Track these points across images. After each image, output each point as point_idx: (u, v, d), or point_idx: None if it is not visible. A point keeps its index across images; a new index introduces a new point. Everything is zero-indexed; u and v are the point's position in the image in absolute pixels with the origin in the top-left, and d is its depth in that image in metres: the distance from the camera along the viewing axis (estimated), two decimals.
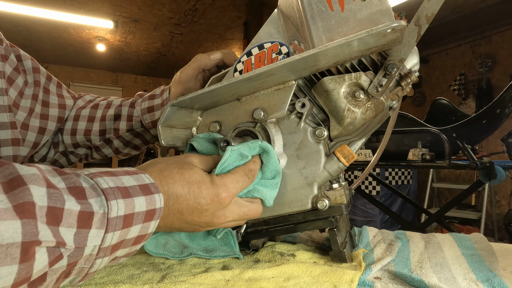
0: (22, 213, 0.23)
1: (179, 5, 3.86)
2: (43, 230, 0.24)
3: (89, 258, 0.29)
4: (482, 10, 3.75)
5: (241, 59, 0.51)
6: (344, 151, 0.47)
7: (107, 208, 0.29)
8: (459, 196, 1.74)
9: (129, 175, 0.34)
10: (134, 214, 0.32)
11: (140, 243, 0.35)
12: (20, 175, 0.25)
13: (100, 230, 0.29)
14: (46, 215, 0.25)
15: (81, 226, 0.27)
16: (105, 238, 0.29)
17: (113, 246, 0.31)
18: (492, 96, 3.99)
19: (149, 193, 0.34)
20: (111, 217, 0.29)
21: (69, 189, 0.28)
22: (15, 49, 0.63)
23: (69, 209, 0.27)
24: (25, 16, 3.87)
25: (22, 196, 0.24)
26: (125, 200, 0.31)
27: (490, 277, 0.44)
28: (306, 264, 0.48)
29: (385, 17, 0.38)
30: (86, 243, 0.28)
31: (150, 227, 0.35)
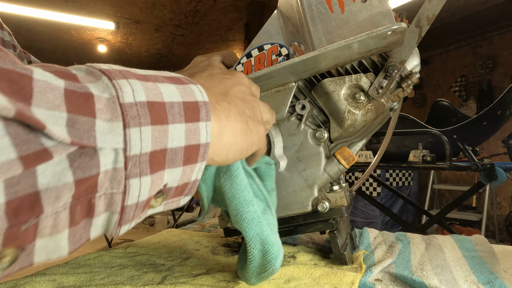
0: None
1: (180, 7, 3.87)
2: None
3: (115, 176, 0.19)
4: (483, 12, 3.75)
5: (241, 60, 0.51)
6: (345, 153, 0.47)
7: (113, 90, 0.19)
8: (460, 197, 1.73)
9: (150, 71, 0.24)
10: (166, 104, 0.21)
11: (195, 161, 0.23)
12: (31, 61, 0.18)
13: (113, 122, 0.18)
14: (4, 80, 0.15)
15: (74, 110, 0.17)
16: (129, 137, 0.19)
17: (150, 157, 0.20)
18: (493, 97, 3.98)
19: (180, 82, 0.23)
20: (125, 102, 0.19)
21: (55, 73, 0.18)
22: (27, 55, 0.64)
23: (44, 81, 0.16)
24: (26, 17, 3.88)
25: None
26: (142, 83, 0.21)
27: (491, 279, 0.44)
28: (307, 266, 0.48)
29: (385, 19, 0.38)
30: (95, 141, 0.17)
31: (200, 132, 0.23)
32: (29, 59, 0.64)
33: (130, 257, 0.55)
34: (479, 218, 3.54)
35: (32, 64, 0.67)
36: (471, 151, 1.55)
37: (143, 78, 0.21)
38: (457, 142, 1.62)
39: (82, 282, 0.44)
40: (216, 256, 0.56)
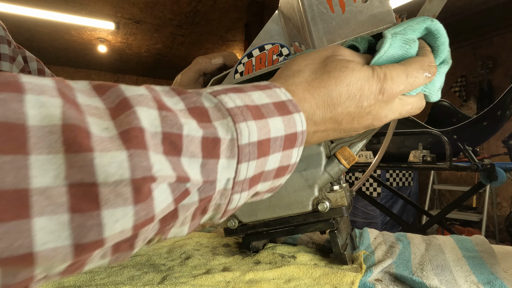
0: (128, 141, 0.19)
1: (180, 7, 3.87)
2: (158, 163, 0.20)
3: (224, 193, 0.25)
4: (483, 12, 3.75)
5: (242, 60, 0.51)
6: (345, 153, 0.47)
7: (235, 133, 0.24)
8: (460, 198, 1.73)
9: (260, 90, 0.27)
10: (271, 140, 0.26)
11: (283, 175, 0.29)
12: (126, 97, 0.21)
13: (230, 160, 0.24)
14: (162, 143, 0.20)
15: (207, 155, 0.22)
16: (239, 170, 0.24)
17: (250, 180, 0.26)
18: (493, 98, 3.98)
19: (286, 113, 0.27)
20: (241, 144, 0.24)
21: (189, 110, 0.23)
22: (22, 50, 0.64)
23: (189, 135, 0.22)
24: (26, 17, 3.88)
25: (128, 121, 0.19)
26: (257, 122, 0.25)
27: (491, 279, 0.44)
28: (307, 266, 0.48)
29: (386, 19, 0.38)
30: (216, 176, 0.23)
31: (292, 156, 0.28)
32: (24, 54, 0.64)
33: (130, 257, 0.55)
34: (479, 219, 3.54)
35: (28, 63, 0.65)
36: (471, 152, 1.55)
37: (258, 115, 0.25)
38: (457, 143, 1.62)
39: (82, 282, 0.44)
40: (216, 256, 0.56)
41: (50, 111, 0.17)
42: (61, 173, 0.17)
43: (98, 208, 0.18)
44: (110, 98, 0.21)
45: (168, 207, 0.21)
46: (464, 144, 1.57)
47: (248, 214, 0.52)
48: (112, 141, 0.19)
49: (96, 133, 0.18)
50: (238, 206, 0.27)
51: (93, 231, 0.18)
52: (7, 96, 0.16)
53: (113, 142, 0.19)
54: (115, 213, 0.18)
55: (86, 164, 0.17)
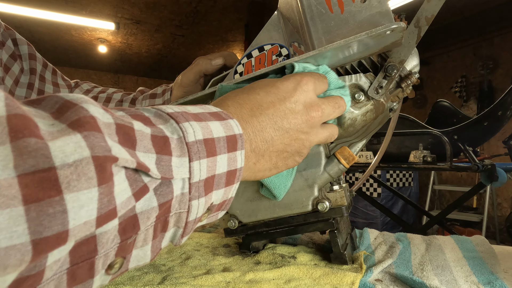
0: (81, 126, 0.18)
1: (181, 7, 3.87)
2: (115, 147, 0.19)
3: (182, 199, 0.24)
4: (484, 13, 3.75)
5: (242, 61, 0.51)
6: (345, 152, 0.47)
7: (181, 132, 0.24)
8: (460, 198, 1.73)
9: (193, 106, 0.29)
10: (215, 140, 0.26)
11: (233, 183, 0.29)
12: (67, 100, 0.20)
13: (182, 158, 0.23)
14: (116, 132, 0.20)
15: (159, 151, 0.22)
16: (192, 169, 0.24)
17: (205, 182, 0.25)
18: (494, 98, 3.98)
19: (221, 119, 0.28)
20: (189, 141, 0.24)
21: (132, 116, 0.23)
22: (11, 32, 0.61)
23: (140, 130, 0.22)
24: (27, 17, 3.88)
25: (76, 113, 0.19)
26: (198, 123, 0.26)
27: (491, 279, 0.44)
28: (307, 266, 0.48)
29: (384, 19, 0.38)
30: (172, 174, 0.23)
31: (237, 159, 0.28)
32: (14, 37, 0.61)
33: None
34: (479, 219, 3.54)
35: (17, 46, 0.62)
36: (472, 152, 1.55)
37: (197, 118, 0.26)
38: (457, 143, 1.62)
39: None
40: (217, 256, 0.56)
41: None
42: (9, 163, 0.15)
43: (60, 193, 0.16)
44: (49, 105, 0.20)
45: (128, 202, 0.20)
46: (464, 145, 1.57)
47: (248, 215, 0.52)
48: (62, 131, 0.17)
49: (43, 128, 0.17)
50: (197, 217, 0.26)
51: (56, 220, 0.16)
52: None
53: (63, 131, 0.17)
54: (79, 196, 0.17)
55: (39, 147, 0.16)
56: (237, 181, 0.29)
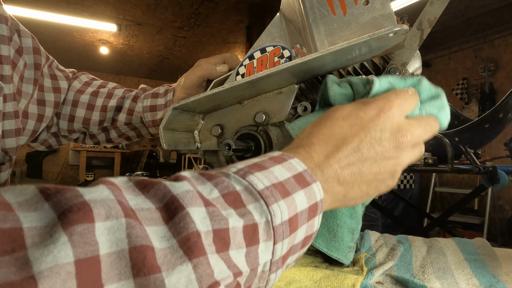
0: (190, 250, 0.19)
1: (182, 9, 3.88)
2: (217, 266, 0.20)
3: (262, 276, 0.25)
4: (485, 15, 3.75)
5: (243, 62, 0.51)
6: None
7: (269, 215, 0.24)
8: (461, 200, 1.73)
9: (279, 164, 0.28)
10: (298, 215, 0.27)
11: (307, 244, 0.30)
12: (174, 195, 0.21)
13: (267, 242, 0.24)
14: (213, 241, 0.21)
15: (249, 243, 0.23)
16: (275, 251, 0.25)
17: (283, 257, 0.26)
18: (495, 100, 3.98)
19: (306, 185, 0.28)
20: (276, 225, 0.25)
21: (224, 198, 0.24)
22: (15, 22, 0.59)
23: (234, 227, 0.22)
24: (29, 19, 3.90)
25: (185, 226, 0.20)
26: (285, 201, 0.26)
27: (493, 282, 0.44)
28: (308, 268, 0.48)
29: (387, 21, 0.38)
30: (258, 262, 0.24)
31: (315, 224, 0.29)
32: (17, 27, 0.59)
33: None
34: (481, 221, 3.53)
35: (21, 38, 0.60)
36: (473, 154, 1.55)
37: (285, 193, 0.26)
38: (459, 145, 1.61)
39: None
40: None
41: (117, 236, 0.18)
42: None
43: None
44: (157, 197, 0.21)
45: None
46: (465, 147, 1.57)
47: None
48: (173, 251, 0.19)
49: (158, 246, 0.19)
50: (273, 283, 0.27)
51: None
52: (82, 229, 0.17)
53: (174, 253, 0.19)
54: None
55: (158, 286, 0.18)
56: (311, 241, 0.30)
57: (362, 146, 0.32)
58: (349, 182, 0.31)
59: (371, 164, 0.32)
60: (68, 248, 0.16)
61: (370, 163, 0.32)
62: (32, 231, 0.16)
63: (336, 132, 0.32)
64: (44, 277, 0.15)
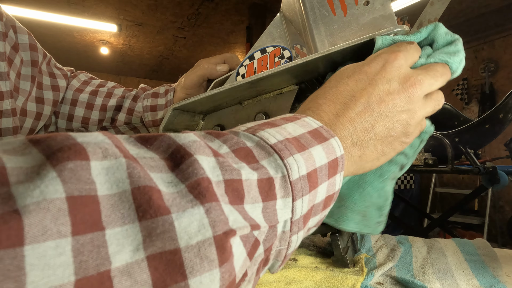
0: (201, 195, 0.18)
1: (183, 9, 3.88)
2: (231, 214, 0.18)
3: (283, 237, 0.23)
4: (485, 15, 3.75)
5: (244, 63, 0.51)
6: None
7: (285, 169, 0.23)
8: (462, 201, 1.73)
9: (292, 122, 0.27)
10: (317, 170, 0.25)
11: (329, 206, 0.28)
12: (180, 145, 0.19)
13: (286, 199, 0.22)
14: (226, 192, 0.19)
15: (265, 198, 0.21)
16: (295, 209, 0.23)
17: (304, 216, 0.24)
18: (495, 101, 3.98)
19: (323, 140, 0.26)
20: (293, 179, 0.23)
21: (234, 152, 0.22)
22: (10, 19, 0.59)
23: (247, 180, 0.21)
24: (29, 19, 3.90)
25: (193, 172, 0.18)
26: (302, 154, 0.24)
27: (493, 283, 0.44)
28: (308, 269, 0.48)
29: (387, 22, 0.38)
30: (277, 219, 0.22)
31: (336, 182, 0.27)
32: (13, 24, 0.58)
33: None
34: (481, 222, 3.53)
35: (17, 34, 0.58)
36: (473, 154, 1.55)
37: (300, 147, 0.24)
38: (459, 145, 1.61)
39: None
40: None
41: (117, 176, 0.16)
42: (139, 244, 0.15)
43: (185, 278, 0.16)
44: (161, 148, 0.20)
45: (244, 264, 0.19)
46: (466, 147, 1.57)
47: None
48: (182, 195, 0.17)
49: (165, 190, 0.17)
50: (296, 247, 0.25)
51: None
52: (74, 166, 0.15)
53: (184, 197, 0.17)
54: (201, 280, 0.16)
55: (166, 229, 0.16)
56: (333, 202, 0.28)
57: (372, 100, 0.30)
58: (363, 141, 0.30)
59: (384, 119, 0.30)
60: (58, 184, 0.14)
61: (383, 118, 0.30)
62: (17, 170, 0.14)
63: (343, 90, 0.31)
64: (29, 211, 0.13)
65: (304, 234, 0.26)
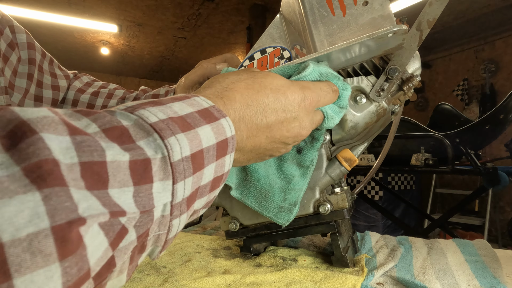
0: (40, 179, 0.15)
1: (183, 10, 3.89)
2: (83, 200, 0.16)
3: (163, 221, 0.22)
4: (486, 16, 3.75)
5: (244, 63, 0.51)
6: (346, 155, 0.47)
7: (165, 150, 0.21)
8: (462, 201, 1.72)
9: (180, 101, 0.25)
10: (204, 151, 0.24)
11: (218, 187, 0.27)
12: (23, 120, 0.16)
13: (165, 181, 0.21)
14: (82, 176, 0.17)
15: (138, 182, 0.19)
16: (176, 191, 0.22)
17: (188, 199, 0.23)
18: (496, 101, 3.97)
19: (213, 120, 0.25)
20: (174, 161, 0.21)
21: (105, 132, 0.20)
22: (8, 18, 0.58)
23: (114, 161, 0.19)
24: (30, 19, 3.90)
25: (35, 152, 0.16)
26: (186, 134, 0.23)
27: (494, 283, 0.44)
28: (308, 269, 0.48)
29: (386, 22, 0.38)
30: (153, 204, 0.20)
31: (225, 164, 0.26)
32: (11, 24, 0.59)
33: None
34: (481, 223, 3.52)
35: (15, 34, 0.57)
36: (474, 155, 1.54)
37: (185, 127, 0.23)
38: (459, 146, 1.61)
39: None
40: (217, 259, 0.56)
41: None
42: None
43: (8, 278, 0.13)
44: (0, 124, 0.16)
45: (104, 254, 0.17)
46: (466, 148, 1.57)
47: (249, 217, 0.52)
48: (13, 180, 0.14)
49: None
50: (178, 231, 0.24)
51: None
52: None
53: (16, 182, 0.14)
54: (34, 279, 0.14)
55: None
56: (223, 183, 0.27)
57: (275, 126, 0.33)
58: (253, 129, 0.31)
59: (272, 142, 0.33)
60: None
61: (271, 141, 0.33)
62: None
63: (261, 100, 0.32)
64: None
65: (189, 217, 0.25)
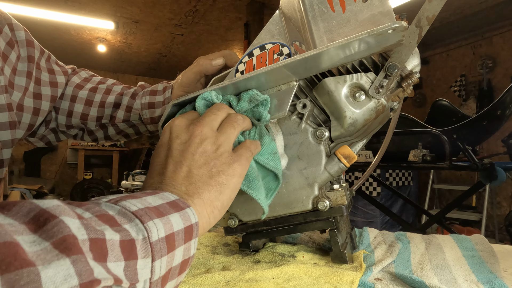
0: (67, 249, 0.19)
1: (180, 6, 3.87)
2: (95, 267, 0.20)
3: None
4: (483, 11, 3.75)
5: (243, 59, 0.51)
6: (345, 151, 0.47)
7: (145, 232, 0.25)
8: (460, 197, 1.73)
9: (152, 195, 0.30)
10: (175, 234, 0.28)
11: (185, 270, 0.31)
12: (44, 209, 0.20)
13: (146, 259, 0.25)
14: (90, 250, 0.21)
15: (127, 257, 0.23)
16: (154, 269, 0.25)
17: (162, 278, 0.27)
18: (493, 97, 3.99)
19: (180, 209, 0.30)
20: (153, 241, 0.25)
21: (99, 217, 0.24)
22: (6, 16, 0.58)
23: (111, 240, 0.23)
24: (25, 16, 3.87)
25: (59, 230, 0.19)
26: (161, 219, 0.27)
27: (491, 278, 0.44)
28: (307, 265, 0.48)
29: (386, 18, 0.38)
30: (137, 278, 0.24)
31: (191, 247, 0.31)
32: (9, 21, 0.58)
33: None
34: (479, 218, 3.55)
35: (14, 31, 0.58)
36: (471, 151, 1.55)
37: (159, 214, 0.28)
38: (457, 142, 1.62)
39: None
40: (216, 255, 0.56)
41: None
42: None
43: None
44: (20, 213, 0.20)
45: None
46: (463, 144, 1.58)
47: (248, 213, 0.52)
48: (47, 252, 0.18)
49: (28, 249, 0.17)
50: None
51: None
52: None
53: (49, 253, 0.18)
54: None
55: (32, 280, 0.16)
56: (188, 268, 0.31)
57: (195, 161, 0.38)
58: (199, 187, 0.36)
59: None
60: None
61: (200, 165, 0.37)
62: None
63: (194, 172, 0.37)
64: None
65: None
